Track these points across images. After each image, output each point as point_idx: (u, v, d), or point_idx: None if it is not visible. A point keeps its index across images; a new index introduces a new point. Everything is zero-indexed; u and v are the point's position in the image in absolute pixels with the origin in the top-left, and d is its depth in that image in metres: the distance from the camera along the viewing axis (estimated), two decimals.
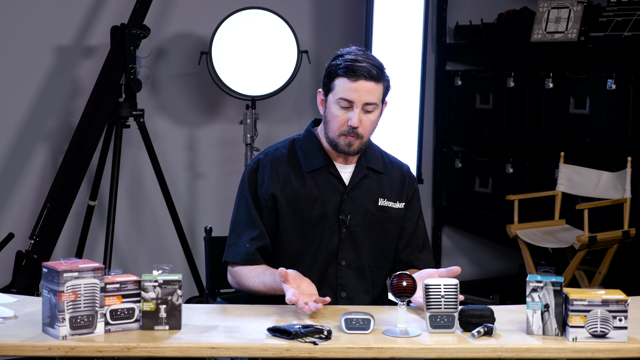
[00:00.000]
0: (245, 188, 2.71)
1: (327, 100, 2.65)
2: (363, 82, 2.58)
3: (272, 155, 2.72)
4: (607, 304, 2.19)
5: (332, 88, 2.63)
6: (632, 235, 4.41)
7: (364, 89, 2.59)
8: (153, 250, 4.80)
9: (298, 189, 2.68)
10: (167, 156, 4.74)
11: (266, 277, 2.59)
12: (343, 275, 2.68)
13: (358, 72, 2.58)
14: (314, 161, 2.70)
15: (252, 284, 2.62)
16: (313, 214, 2.67)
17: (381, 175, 2.76)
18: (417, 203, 2.81)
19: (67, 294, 2.15)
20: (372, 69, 2.59)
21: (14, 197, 4.45)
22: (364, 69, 2.58)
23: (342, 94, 2.59)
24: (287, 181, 2.68)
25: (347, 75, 2.59)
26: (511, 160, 5.12)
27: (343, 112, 2.61)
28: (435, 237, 5.57)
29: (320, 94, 2.69)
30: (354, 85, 2.58)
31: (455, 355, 2.17)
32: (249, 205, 2.68)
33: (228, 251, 2.70)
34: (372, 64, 2.60)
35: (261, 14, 4.50)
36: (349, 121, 2.60)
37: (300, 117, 5.08)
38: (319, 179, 2.69)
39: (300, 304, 2.34)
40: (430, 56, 5.41)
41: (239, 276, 2.66)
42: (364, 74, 2.58)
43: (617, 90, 4.61)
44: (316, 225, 2.67)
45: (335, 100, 2.62)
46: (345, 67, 2.59)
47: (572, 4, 4.84)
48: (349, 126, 2.60)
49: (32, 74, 4.44)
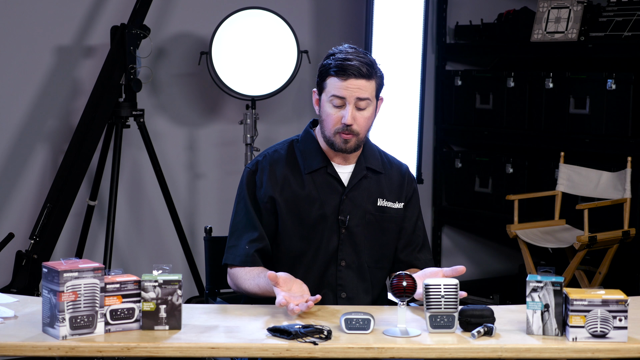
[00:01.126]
0: (243, 190, 2.71)
1: (321, 100, 2.66)
2: (353, 80, 2.59)
3: (271, 157, 2.72)
4: (607, 304, 2.19)
5: (324, 87, 2.64)
6: (632, 235, 4.41)
7: (355, 87, 2.59)
8: (153, 250, 4.80)
9: (297, 191, 2.68)
10: (167, 156, 4.74)
11: (261, 280, 2.58)
12: (343, 276, 2.68)
13: (348, 70, 2.58)
14: (312, 162, 2.70)
15: (248, 286, 2.63)
16: (312, 215, 2.67)
17: (380, 175, 2.76)
18: (416, 203, 2.81)
19: (67, 294, 2.15)
20: (363, 66, 2.59)
21: (14, 197, 4.45)
22: (354, 68, 2.58)
23: (334, 91, 2.60)
24: (285, 183, 2.68)
25: (337, 74, 2.60)
26: (511, 160, 5.12)
27: (336, 110, 2.62)
28: (435, 237, 5.57)
29: (315, 94, 2.70)
30: (345, 83, 2.59)
31: (455, 355, 2.17)
32: (247, 207, 2.68)
33: (228, 253, 2.70)
34: (363, 62, 2.60)
35: (261, 14, 4.50)
36: (343, 119, 2.60)
37: (300, 117, 5.08)
38: (317, 180, 2.69)
39: (290, 307, 2.34)
40: (430, 56, 5.41)
41: (236, 278, 2.67)
42: (354, 73, 2.58)
43: (617, 90, 4.60)
44: (315, 226, 2.67)
45: (328, 99, 2.63)
46: (336, 67, 2.60)
47: (572, 4, 4.84)
48: (343, 124, 2.61)
49: (32, 74, 4.44)
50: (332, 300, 2.67)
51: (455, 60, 5.53)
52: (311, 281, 2.62)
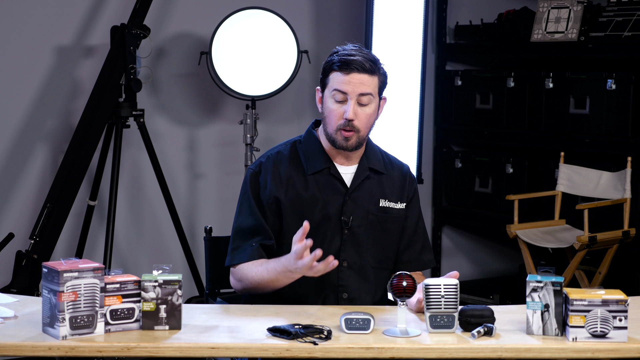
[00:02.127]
0: (247, 191, 2.70)
1: (324, 96, 2.67)
2: (356, 75, 2.60)
3: (274, 158, 2.72)
4: (607, 304, 2.19)
5: (327, 83, 2.66)
6: (632, 235, 4.41)
7: (358, 81, 2.60)
8: (153, 250, 4.80)
9: (300, 192, 2.68)
10: (167, 156, 4.74)
11: (270, 264, 2.57)
12: (344, 277, 2.68)
13: (351, 65, 2.60)
14: (315, 163, 2.70)
15: (255, 274, 2.60)
16: (315, 215, 2.66)
17: (382, 175, 2.76)
18: (417, 203, 2.82)
19: (67, 294, 2.15)
20: (366, 62, 2.61)
21: (14, 197, 4.45)
22: (357, 62, 2.60)
23: (336, 86, 2.61)
24: (289, 184, 2.68)
25: (340, 69, 2.61)
26: (511, 160, 5.12)
27: (338, 106, 2.63)
28: (435, 237, 5.57)
29: (318, 92, 2.71)
30: (347, 77, 2.60)
31: (455, 355, 2.17)
32: (252, 208, 2.68)
33: (233, 254, 2.67)
34: (366, 58, 2.62)
35: (261, 14, 4.50)
36: (345, 114, 2.61)
37: (300, 117, 5.08)
38: (320, 180, 2.69)
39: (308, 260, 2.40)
40: (430, 56, 5.41)
41: (241, 272, 2.64)
42: (357, 67, 2.60)
43: (617, 90, 4.60)
44: (319, 227, 2.66)
45: (330, 94, 2.63)
46: (339, 62, 2.62)
47: (572, 4, 4.84)
48: (345, 119, 2.61)
49: (32, 74, 4.44)
50: (333, 301, 2.67)
51: (455, 60, 5.53)
52: (313, 281, 2.62)
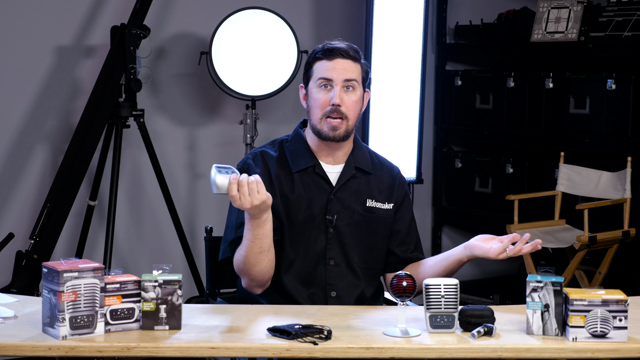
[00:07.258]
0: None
1: (309, 89, 2.68)
2: (340, 60, 2.63)
3: (261, 156, 2.72)
4: (607, 304, 2.19)
5: (311, 75, 2.68)
6: (632, 235, 4.41)
7: (342, 67, 2.63)
8: (153, 250, 4.80)
9: (287, 190, 2.68)
10: (167, 156, 4.74)
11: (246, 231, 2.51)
12: (332, 275, 2.68)
13: (335, 51, 2.64)
14: (300, 161, 2.70)
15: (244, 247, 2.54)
16: (301, 214, 2.67)
17: (370, 175, 2.76)
18: (408, 205, 2.82)
19: (67, 294, 2.15)
20: (349, 49, 2.66)
21: (14, 197, 4.45)
22: (341, 49, 2.65)
23: (321, 74, 2.64)
24: (277, 182, 2.68)
25: (324, 55, 2.65)
26: (511, 160, 5.12)
27: (324, 93, 2.64)
28: (435, 237, 5.56)
29: (302, 89, 2.72)
30: (332, 64, 2.63)
31: (455, 355, 2.17)
32: None
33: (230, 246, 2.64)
34: (349, 46, 2.67)
35: (261, 14, 4.50)
36: (331, 100, 2.61)
37: (300, 117, 5.01)
38: (305, 179, 2.69)
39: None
40: (430, 56, 5.41)
41: (235, 261, 2.59)
42: (341, 53, 2.64)
43: (617, 90, 4.61)
44: (304, 226, 2.67)
45: (315, 84, 2.65)
46: (322, 51, 2.66)
47: (572, 4, 4.84)
48: (332, 105, 2.61)
49: (32, 74, 4.44)
50: (322, 298, 2.67)
51: (455, 60, 5.53)
52: (300, 279, 2.63)
